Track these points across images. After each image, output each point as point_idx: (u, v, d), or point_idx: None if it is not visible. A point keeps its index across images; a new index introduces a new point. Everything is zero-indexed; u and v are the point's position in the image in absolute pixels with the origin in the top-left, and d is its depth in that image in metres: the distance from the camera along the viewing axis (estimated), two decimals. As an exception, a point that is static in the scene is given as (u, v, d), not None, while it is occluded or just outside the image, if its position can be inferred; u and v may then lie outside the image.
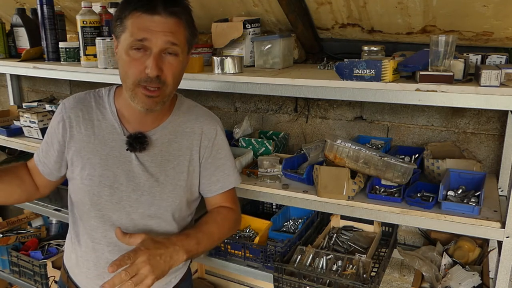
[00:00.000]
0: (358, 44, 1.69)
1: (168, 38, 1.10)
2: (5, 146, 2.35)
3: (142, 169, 1.23)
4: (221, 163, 1.33)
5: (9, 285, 2.66)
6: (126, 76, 1.14)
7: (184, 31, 1.15)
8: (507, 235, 1.26)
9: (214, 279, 2.33)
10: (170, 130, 1.27)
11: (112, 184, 1.22)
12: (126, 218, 1.23)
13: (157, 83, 1.12)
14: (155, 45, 1.09)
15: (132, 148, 1.22)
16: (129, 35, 1.10)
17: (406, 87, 1.30)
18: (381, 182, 1.54)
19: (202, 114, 1.32)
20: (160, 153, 1.25)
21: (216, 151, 1.31)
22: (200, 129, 1.29)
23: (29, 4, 2.41)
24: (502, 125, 1.71)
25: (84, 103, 1.26)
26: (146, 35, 1.09)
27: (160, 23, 1.09)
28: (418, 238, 1.96)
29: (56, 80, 2.87)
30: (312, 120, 2.09)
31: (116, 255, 1.23)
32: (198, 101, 1.40)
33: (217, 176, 1.32)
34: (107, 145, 1.23)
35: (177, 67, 1.15)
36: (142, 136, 1.22)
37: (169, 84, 1.15)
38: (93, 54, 1.87)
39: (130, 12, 1.10)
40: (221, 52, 1.85)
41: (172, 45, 1.11)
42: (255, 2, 1.83)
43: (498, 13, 1.43)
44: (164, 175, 1.24)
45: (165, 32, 1.09)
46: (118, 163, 1.23)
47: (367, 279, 1.51)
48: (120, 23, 1.13)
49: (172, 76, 1.14)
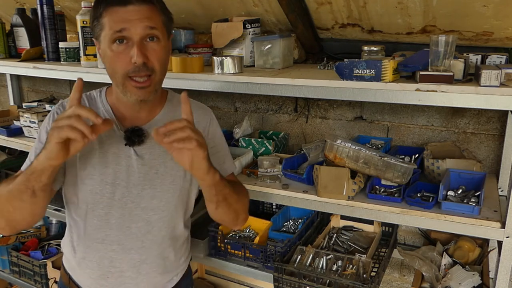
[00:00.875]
0: (358, 44, 1.69)
1: (146, 24, 1.12)
2: (5, 146, 2.35)
3: (142, 162, 1.24)
4: (215, 151, 1.33)
5: (9, 285, 2.66)
6: (114, 71, 1.15)
7: (159, 15, 1.17)
8: (507, 235, 1.26)
9: (214, 279, 2.33)
10: (165, 121, 1.26)
11: (113, 181, 1.22)
12: (128, 214, 1.24)
13: (145, 71, 1.13)
14: (135, 33, 1.11)
15: (131, 142, 1.22)
16: (108, 30, 1.12)
17: (406, 87, 1.30)
18: (381, 182, 1.54)
19: (194, 106, 1.31)
20: (157, 144, 1.23)
21: (210, 139, 1.31)
22: (194, 120, 1.29)
23: (29, 4, 2.41)
24: (502, 125, 1.71)
25: None
26: (124, 25, 1.10)
27: (135, 11, 1.11)
28: (418, 238, 1.96)
29: (56, 80, 2.87)
30: (312, 120, 2.09)
31: (119, 254, 1.25)
32: (198, 101, 1.40)
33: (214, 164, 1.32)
34: (104, 143, 1.23)
35: (161, 52, 1.16)
36: (139, 129, 1.23)
37: (157, 70, 1.16)
38: (93, 54, 1.87)
39: (104, 9, 1.13)
40: (221, 52, 1.85)
41: (151, 30, 1.13)
42: (255, 2, 1.83)
43: (498, 13, 1.43)
44: (163, 166, 1.25)
45: (141, 19, 1.11)
46: (118, 159, 1.23)
47: (367, 279, 1.51)
48: (97, 22, 1.15)
49: (158, 61, 1.16)
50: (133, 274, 1.27)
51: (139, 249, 1.26)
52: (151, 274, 1.29)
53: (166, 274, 1.34)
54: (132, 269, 1.27)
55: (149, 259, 1.28)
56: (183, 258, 1.39)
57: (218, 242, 1.80)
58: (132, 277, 1.27)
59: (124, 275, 1.27)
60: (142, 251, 1.26)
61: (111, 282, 1.27)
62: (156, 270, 1.30)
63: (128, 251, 1.25)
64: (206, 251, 1.83)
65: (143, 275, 1.28)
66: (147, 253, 1.27)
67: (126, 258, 1.26)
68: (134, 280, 1.28)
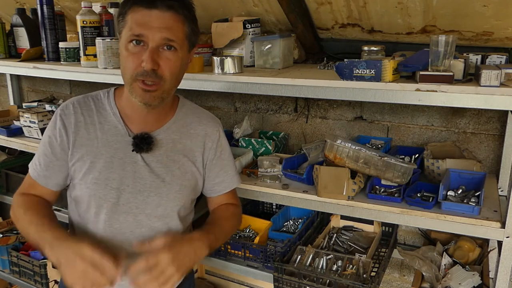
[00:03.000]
0: (358, 44, 1.69)
1: (164, 34, 1.10)
2: (5, 146, 2.35)
3: (148, 170, 1.22)
4: (225, 164, 1.36)
5: (9, 285, 2.66)
6: (125, 71, 1.15)
7: (183, 26, 1.15)
8: (507, 235, 1.26)
9: (214, 279, 2.33)
10: (174, 130, 1.27)
11: (118, 186, 1.21)
12: (132, 220, 1.22)
13: (153, 77, 1.12)
14: (152, 40, 1.10)
15: (139, 149, 1.21)
16: (128, 30, 1.12)
17: (406, 87, 1.30)
18: (381, 182, 1.54)
19: (204, 117, 1.34)
20: (165, 153, 1.25)
21: (220, 152, 1.34)
22: (203, 131, 1.31)
23: (29, 4, 2.41)
24: (502, 125, 1.71)
25: (84, 107, 1.25)
26: (143, 31, 1.10)
27: (157, 17, 1.10)
28: (418, 238, 1.96)
29: (56, 80, 2.86)
30: (312, 120, 2.09)
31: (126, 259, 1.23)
32: (198, 101, 1.41)
33: (221, 177, 1.35)
34: (111, 147, 1.22)
35: (175, 62, 1.15)
36: (148, 137, 1.22)
37: (167, 79, 1.14)
38: (93, 54, 1.87)
39: (130, 7, 1.12)
40: (221, 52, 1.85)
41: (168, 41, 1.11)
42: (255, 2, 1.83)
43: (498, 13, 1.43)
44: (170, 175, 1.24)
45: (161, 28, 1.10)
46: (124, 164, 1.22)
47: (367, 279, 1.51)
48: (122, 18, 1.14)
49: (169, 71, 1.14)
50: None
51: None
52: None
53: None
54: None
55: None
56: None
57: (218, 242, 1.80)
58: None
59: (126, 279, 1.25)
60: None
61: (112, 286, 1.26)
62: None
63: (131, 256, 1.22)
64: (206, 251, 1.83)
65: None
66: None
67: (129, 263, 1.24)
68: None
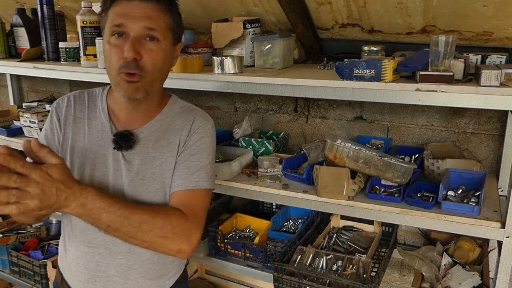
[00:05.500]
0: (358, 44, 1.69)
1: (145, 24, 1.10)
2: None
3: (128, 167, 1.21)
4: (191, 160, 1.22)
5: (9, 285, 2.66)
6: (109, 65, 1.14)
7: (164, 16, 1.14)
8: (507, 235, 1.26)
9: (214, 279, 2.33)
10: (158, 128, 1.25)
11: (100, 184, 1.20)
12: None
13: (135, 68, 1.11)
14: (132, 30, 1.10)
15: (118, 146, 1.20)
16: (109, 23, 1.12)
17: (406, 87, 1.30)
18: (381, 182, 1.54)
19: (195, 113, 1.29)
20: (146, 150, 1.22)
21: (190, 145, 1.23)
22: (188, 125, 1.26)
23: (29, 4, 2.41)
24: (502, 125, 1.71)
25: (78, 101, 1.26)
26: (123, 20, 1.10)
27: (137, 7, 1.10)
28: (418, 238, 1.96)
29: (56, 80, 2.87)
30: (312, 120, 2.09)
31: (106, 258, 1.21)
32: (198, 101, 1.40)
33: (180, 172, 1.22)
34: (96, 143, 1.22)
35: (157, 53, 1.14)
36: (128, 134, 1.21)
37: (149, 70, 1.13)
38: (93, 54, 1.87)
39: (112, 2, 1.12)
40: (221, 52, 1.85)
41: (149, 30, 1.11)
42: (255, 2, 1.83)
43: (498, 13, 1.43)
44: (150, 173, 1.21)
45: (141, 18, 1.10)
46: (106, 162, 1.21)
47: (367, 279, 1.51)
48: (104, 14, 1.15)
49: (152, 62, 1.13)
50: (121, 280, 1.23)
51: (126, 254, 1.22)
52: (139, 279, 1.25)
53: (156, 279, 1.28)
54: (120, 274, 1.23)
55: (136, 264, 1.23)
56: (175, 261, 1.33)
57: (218, 242, 1.80)
58: (120, 283, 1.23)
59: (111, 280, 1.23)
60: (129, 256, 1.22)
61: (98, 286, 1.23)
62: (145, 275, 1.25)
63: (115, 256, 1.22)
64: (206, 251, 1.83)
65: (131, 281, 1.24)
66: (135, 258, 1.23)
67: (113, 263, 1.22)
68: (122, 285, 1.24)
